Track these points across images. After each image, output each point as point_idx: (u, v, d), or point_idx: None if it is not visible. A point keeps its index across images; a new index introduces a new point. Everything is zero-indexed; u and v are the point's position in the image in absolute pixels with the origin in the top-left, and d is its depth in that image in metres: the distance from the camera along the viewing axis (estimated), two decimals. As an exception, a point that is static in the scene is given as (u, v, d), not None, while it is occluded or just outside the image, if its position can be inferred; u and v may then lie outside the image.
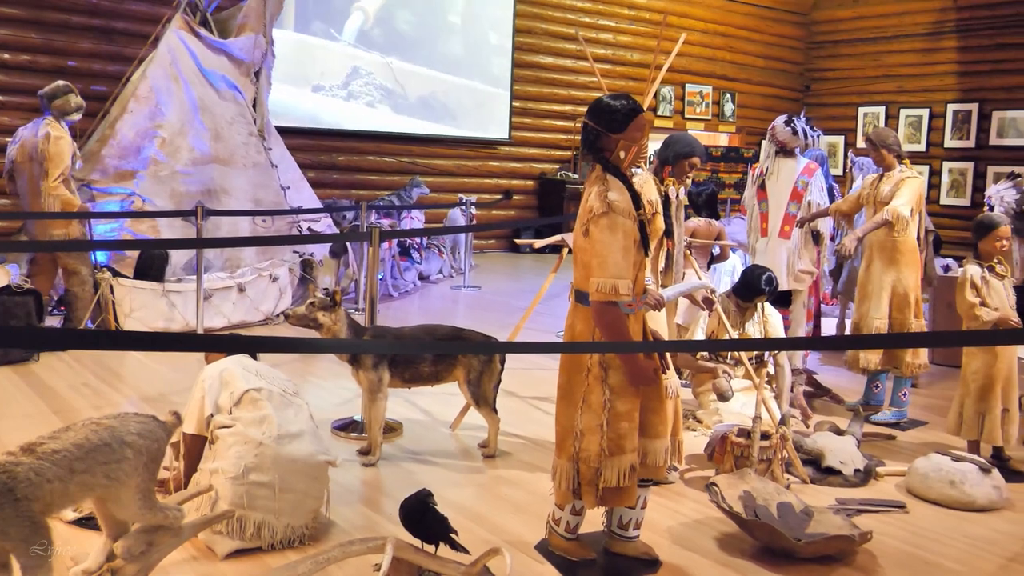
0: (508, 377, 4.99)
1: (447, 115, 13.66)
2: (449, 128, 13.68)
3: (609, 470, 3.21)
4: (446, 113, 13.65)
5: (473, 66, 13.83)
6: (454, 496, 4.14)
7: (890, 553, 3.74)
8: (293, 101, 12.11)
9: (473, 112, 13.91)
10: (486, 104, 13.99)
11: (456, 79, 13.70)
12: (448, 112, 13.67)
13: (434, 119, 13.53)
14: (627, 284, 3.08)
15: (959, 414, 4.87)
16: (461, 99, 13.78)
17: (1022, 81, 14.61)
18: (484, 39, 13.89)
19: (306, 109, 12.35)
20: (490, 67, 13.96)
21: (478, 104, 13.94)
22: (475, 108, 13.92)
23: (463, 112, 13.82)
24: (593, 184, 3.18)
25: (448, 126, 13.67)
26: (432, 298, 9.99)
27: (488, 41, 13.92)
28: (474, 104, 13.90)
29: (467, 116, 13.86)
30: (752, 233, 6.49)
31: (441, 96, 13.59)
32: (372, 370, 4.46)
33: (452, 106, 13.72)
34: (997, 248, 4.85)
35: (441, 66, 13.55)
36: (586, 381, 3.23)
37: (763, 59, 17.27)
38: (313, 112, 12.43)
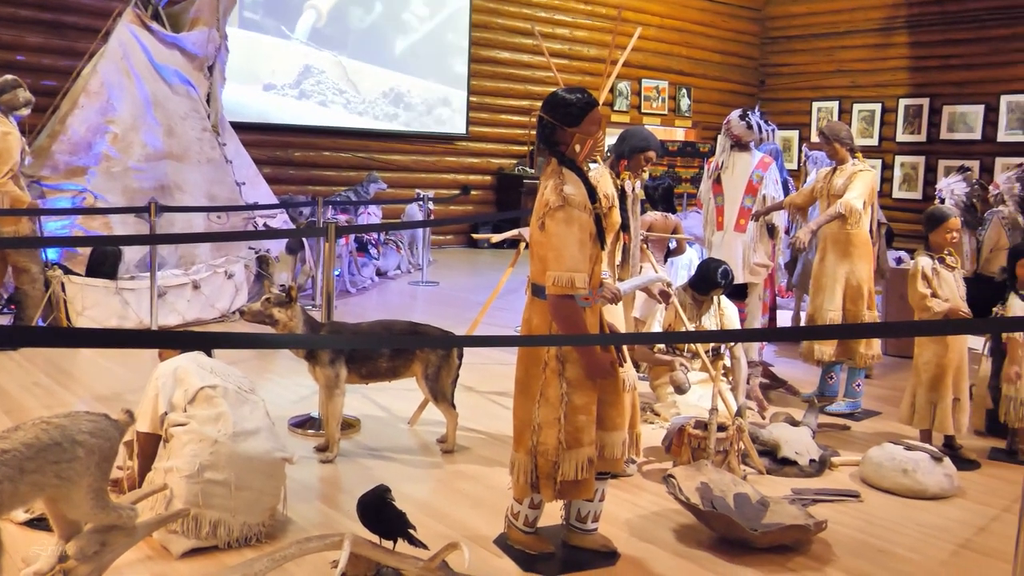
0: (466, 372, 4.98)
1: (404, 111, 13.60)
2: (406, 124, 13.62)
3: (567, 463, 3.22)
4: (403, 109, 13.59)
5: (430, 62, 13.78)
6: (412, 491, 4.13)
7: (844, 542, 3.79)
8: (248, 97, 11.99)
9: (430, 107, 13.86)
10: (443, 99, 13.95)
11: (413, 75, 13.65)
12: (405, 108, 13.61)
13: (391, 115, 13.46)
14: (583, 278, 3.09)
15: (911, 404, 4.95)
16: (418, 95, 13.72)
17: (971, 76, 14.86)
18: (440, 35, 13.84)
19: (261, 105, 12.23)
20: (447, 63, 13.92)
21: (435, 99, 13.89)
22: (432, 104, 13.87)
23: (420, 108, 13.77)
24: (549, 178, 3.18)
25: (405, 122, 13.61)
26: (390, 294, 9.94)
27: (445, 37, 13.88)
28: (431, 99, 13.85)
29: (424, 112, 13.81)
30: (708, 227, 6.53)
31: (398, 92, 13.53)
32: (329, 366, 4.43)
33: (409, 102, 13.66)
34: (947, 240, 4.93)
35: (397, 62, 13.49)
36: (543, 375, 3.23)
37: (719, 54, 17.39)
38: (267, 108, 12.31)
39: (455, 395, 4.74)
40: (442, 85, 13.91)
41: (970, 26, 14.88)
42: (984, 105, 14.79)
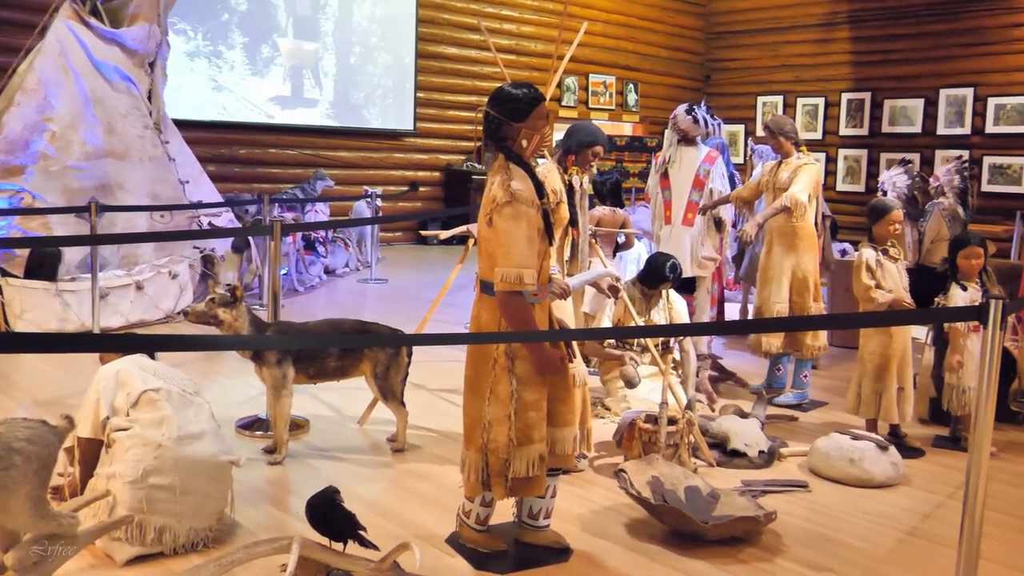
0: (416, 369, 4.94)
1: (351, 107, 13.48)
2: (353, 120, 13.50)
3: (518, 460, 3.20)
4: (350, 105, 13.47)
5: (376, 57, 13.68)
6: (363, 492, 4.09)
7: (794, 532, 3.82)
8: (191, 93, 11.80)
9: (377, 103, 13.76)
10: (390, 95, 13.85)
11: (359, 71, 13.53)
12: (352, 103, 13.49)
13: (338, 111, 13.33)
14: (532, 273, 3.07)
15: (857, 394, 5.02)
16: (365, 90, 13.61)
17: (911, 71, 15.12)
18: (387, 30, 13.74)
19: (205, 102, 12.04)
20: (394, 58, 13.82)
21: (382, 95, 13.79)
22: (379, 99, 13.77)
23: (367, 103, 13.66)
24: (496, 173, 3.16)
25: (352, 118, 13.49)
26: (339, 292, 9.85)
27: (391, 32, 13.77)
28: (378, 95, 13.75)
29: (371, 107, 13.70)
30: (656, 221, 6.56)
31: (344, 88, 13.40)
32: (276, 367, 4.37)
33: (356, 97, 13.54)
34: (890, 232, 5.00)
35: (344, 57, 13.36)
36: (493, 372, 3.21)
37: (665, 49, 17.50)
38: (212, 105, 12.13)
39: (405, 393, 4.70)
40: (389, 81, 13.81)
41: (909, 21, 15.14)
42: (924, 99, 15.07)
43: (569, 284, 3.94)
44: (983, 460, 3.12)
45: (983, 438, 3.11)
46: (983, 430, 3.11)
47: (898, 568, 3.57)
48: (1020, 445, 5.16)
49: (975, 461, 3.11)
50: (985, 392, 3.13)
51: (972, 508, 3.12)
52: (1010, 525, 3.99)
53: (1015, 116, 14.22)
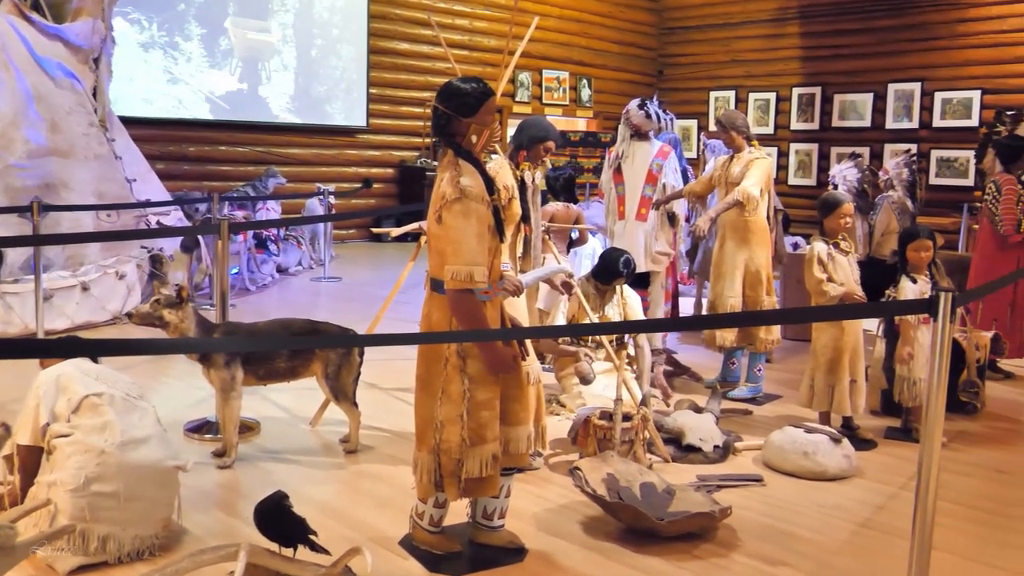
0: (368, 369, 4.88)
1: (303, 103, 13.32)
2: (305, 116, 13.35)
3: (471, 461, 3.16)
4: (302, 101, 13.31)
5: (328, 52, 13.53)
6: (315, 494, 4.02)
7: (749, 526, 3.82)
8: (139, 90, 11.59)
9: (329, 100, 13.61)
10: (342, 91, 13.72)
11: (311, 67, 13.38)
12: (303, 99, 13.33)
13: (289, 107, 13.17)
14: (482, 271, 3.02)
15: (810, 387, 5.04)
16: (316, 86, 13.46)
17: (860, 65, 15.29)
18: (338, 25, 13.60)
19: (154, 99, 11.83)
20: (345, 53, 13.68)
21: (334, 91, 13.65)
22: (331, 95, 13.63)
23: (319, 99, 13.51)
24: (445, 169, 3.10)
25: (304, 114, 13.33)
26: (291, 291, 9.73)
27: (343, 27, 13.63)
28: (330, 91, 13.60)
29: (323, 104, 13.55)
30: (610, 216, 6.55)
31: (296, 84, 13.24)
32: (224, 368, 4.27)
33: (307, 94, 13.39)
34: (841, 225, 5.03)
35: (297, 53, 13.20)
36: (444, 371, 3.16)
37: (617, 45, 17.53)
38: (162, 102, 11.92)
39: (357, 393, 4.63)
40: (341, 77, 13.68)
41: (858, 16, 15.31)
42: (873, 93, 15.24)
43: (522, 281, 3.90)
44: (935, 451, 3.13)
45: (934, 429, 3.12)
46: (934, 421, 3.12)
47: (852, 560, 3.58)
48: (970, 435, 5.22)
49: (927, 452, 3.12)
50: (936, 383, 3.14)
51: (924, 499, 3.14)
52: (962, 515, 4.02)
53: (961, 110, 14.43)
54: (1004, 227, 6.40)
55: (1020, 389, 6.28)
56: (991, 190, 6.55)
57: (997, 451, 4.97)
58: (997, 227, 6.45)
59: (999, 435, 5.27)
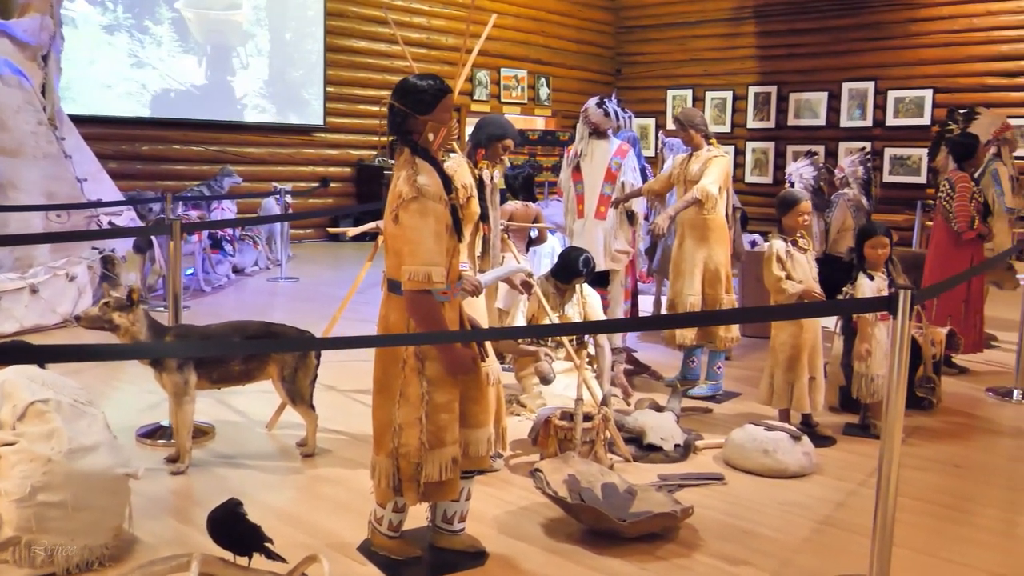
0: (325, 370, 4.81)
1: (258, 101, 13.16)
2: (261, 115, 13.19)
3: (430, 464, 3.10)
4: (257, 99, 13.15)
5: (284, 51, 13.38)
6: (271, 500, 3.94)
7: (711, 525, 3.81)
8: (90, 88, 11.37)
9: (285, 98, 13.46)
10: (299, 89, 13.57)
11: (267, 65, 13.22)
12: (259, 98, 13.17)
13: (244, 106, 13.00)
14: (440, 271, 2.97)
15: (770, 385, 5.05)
16: (272, 85, 13.30)
17: (815, 65, 15.44)
18: (295, 23, 13.45)
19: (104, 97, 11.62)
20: (302, 52, 13.54)
21: (291, 90, 13.50)
22: (288, 94, 13.48)
23: (275, 98, 13.35)
24: (402, 168, 3.04)
25: (260, 113, 13.17)
26: (248, 291, 9.60)
27: (299, 25, 13.48)
28: (286, 90, 13.45)
29: (279, 102, 13.40)
30: (569, 215, 6.52)
31: (252, 82, 13.08)
32: (177, 372, 4.17)
33: (263, 92, 13.23)
34: (800, 223, 5.04)
35: (251, 51, 13.03)
36: (403, 373, 3.10)
37: (576, 43, 17.54)
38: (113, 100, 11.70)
39: (314, 395, 4.55)
40: (298, 75, 13.53)
41: (813, 16, 15.46)
42: (827, 92, 15.41)
43: (481, 281, 3.85)
44: (895, 448, 3.13)
45: (895, 425, 3.12)
46: (895, 417, 3.12)
47: (813, 558, 3.58)
48: (927, 430, 5.26)
49: (887, 449, 3.13)
50: (896, 380, 3.14)
51: (885, 497, 3.14)
52: (921, 510, 4.04)
53: (914, 109, 14.63)
54: (958, 224, 6.46)
55: (974, 384, 6.35)
56: (945, 188, 6.62)
57: (954, 446, 5.01)
58: (951, 224, 6.52)
59: (955, 430, 5.32)
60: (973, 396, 6.08)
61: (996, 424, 5.53)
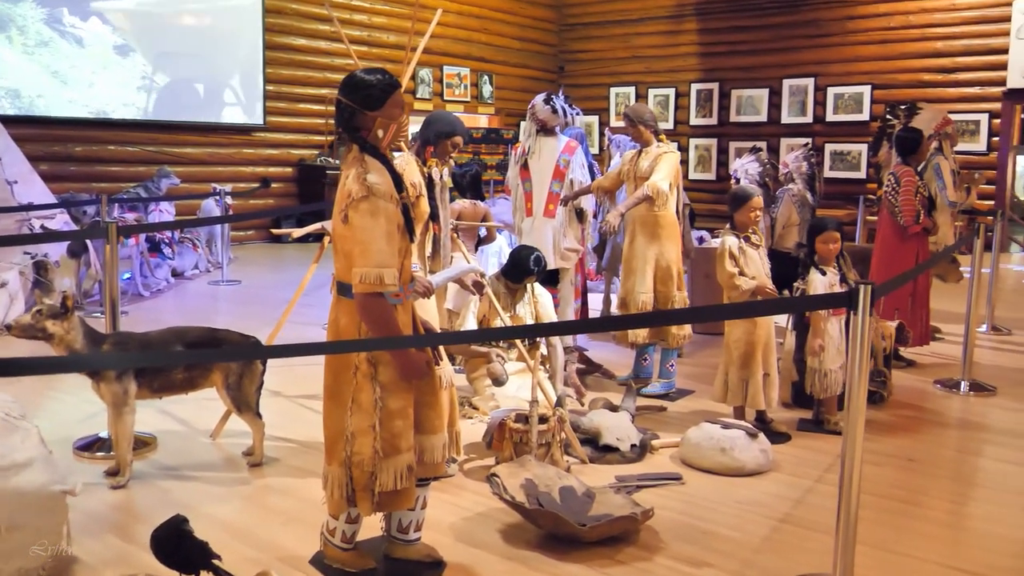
0: (272, 375, 4.66)
1: (196, 101, 12.86)
2: (199, 114, 12.89)
3: (385, 473, 2.99)
4: (195, 98, 12.85)
5: (223, 48, 13.09)
6: (217, 513, 3.79)
7: (670, 526, 3.75)
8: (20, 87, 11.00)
9: (224, 97, 13.18)
10: (238, 88, 13.30)
11: (205, 63, 12.92)
12: (197, 97, 12.87)
13: (182, 105, 12.69)
14: (393, 273, 2.85)
15: (724, 382, 5.01)
16: (211, 84, 13.02)
17: (756, 61, 15.57)
18: (233, 20, 13.16)
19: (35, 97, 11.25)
20: (241, 49, 13.26)
21: (230, 89, 13.22)
22: (227, 93, 13.20)
23: (213, 97, 13.07)
24: (351, 166, 2.92)
25: (198, 112, 12.87)
26: (188, 295, 9.36)
27: (237, 22, 13.20)
28: (226, 89, 13.17)
29: (218, 101, 13.12)
30: (517, 213, 6.44)
31: (188, 81, 12.77)
32: (115, 382, 3.99)
33: (202, 91, 12.93)
34: (752, 219, 5.01)
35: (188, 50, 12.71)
36: (354, 379, 2.97)
37: (519, 41, 17.48)
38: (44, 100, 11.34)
39: (261, 402, 4.40)
40: (237, 73, 13.25)
41: (754, 13, 15.58)
42: (768, 89, 15.54)
43: (432, 282, 3.75)
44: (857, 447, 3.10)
45: (856, 421, 3.09)
46: (856, 413, 3.09)
47: (774, 557, 3.53)
48: (879, 424, 5.27)
49: (849, 447, 3.09)
50: (858, 376, 3.11)
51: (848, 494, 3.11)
52: (879, 506, 4.03)
53: (852, 105, 14.83)
54: (904, 218, 6.51)
55: (922, 377, 6.40)
56: (890, 182, 6.66)
57: (906, 439, 5.02)
58: (897, 219, 6.56)
59: (907, 423, 5.34)
60: (922, 389, 6.12)
61: (945, 416, 5.57)
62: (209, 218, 10.49)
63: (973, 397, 5.95)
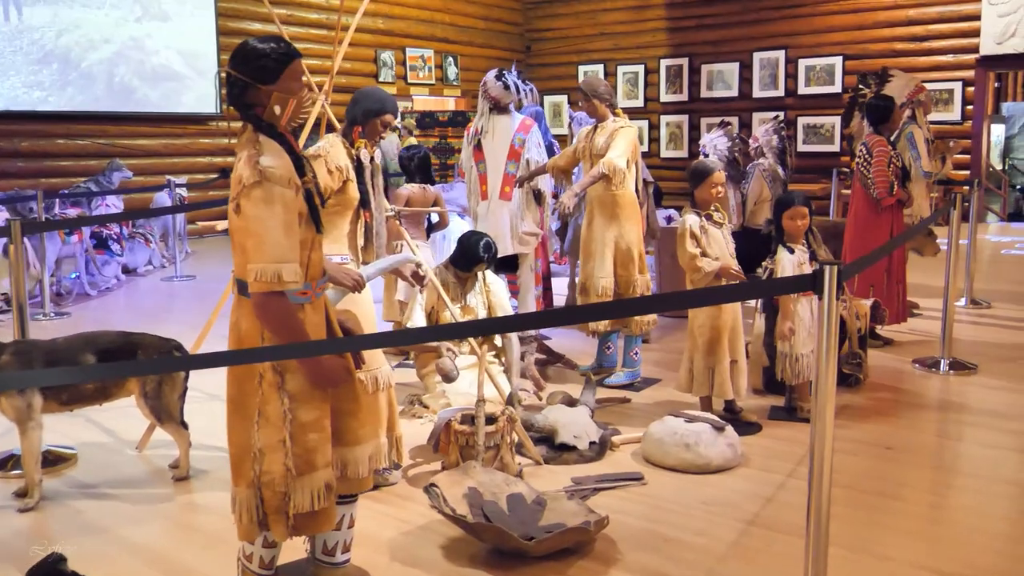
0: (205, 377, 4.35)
1: (148, 90, 12.39)
2: (151, 104, 12.42)
3: (299, 493, 2.65)
4: (147, 88, 12.38)
5: (174, 35, 12.61)
6: (133, 535, 3.45)
7: (629, 533, 3.43)
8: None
9: (177, 86, 12.72)
10: (191, 77, 12.84)
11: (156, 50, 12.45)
12: (149, 87, 12.40)
13: (132, 96, 12.22)
14: (292, 268, 2.49)
15: (689, 370, 4.70)
16: (162, 72, 12.55)
17: (725, 35, 15.25)
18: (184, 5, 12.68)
19: None
20: (193, 36, 12.79)
21: (183, 77, 12.76)
22: (180, 81, 12.74)
23: (166, 86, 12.60)
24: (243, 148, 2.57)
25: (150, 102, 12.40)
26: (139, 293, 8.98)
27: (189, 7, 12.73)
28: (178, 77, 12.71)
29: (171, 90, 12.66)
30: (472, 196, 6.12)
31: (138, 70, 12.30)
32: (17, 395, 3.63)
33: (153, 80, 12.46)
34: (713, 195, 4.68)
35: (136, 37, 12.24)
36: (260, 389, 2.62)
37: (483, 20, 17.07)
38: None
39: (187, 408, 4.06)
40: (190, 61, 12.79)
41: (722, -14, 15.26)
42: (739, 63, 15.23)
43: (363, 274, 3.42)
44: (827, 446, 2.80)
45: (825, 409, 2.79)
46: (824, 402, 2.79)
47: (741, 564, 3.23)
48: (855, 409, 4.98)
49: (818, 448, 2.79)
50: (825, 367, 2.80)
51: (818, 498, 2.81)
52: (853, 501, 3.73)
53: (824, 77, 14.54)
54: (877, 191, 6.21)
55: (900, 356, 6.12)
56: (862, 153, 6.37)
57: (883, 425, 4.73)
58: (870, 191, 6.26)
59: (884, 407, 5.05)
60: (899, 369, 5.84)
61: (924, 398, 5.28)
62: (156, 209, 10.05)
63: (953, 376, 5.68)
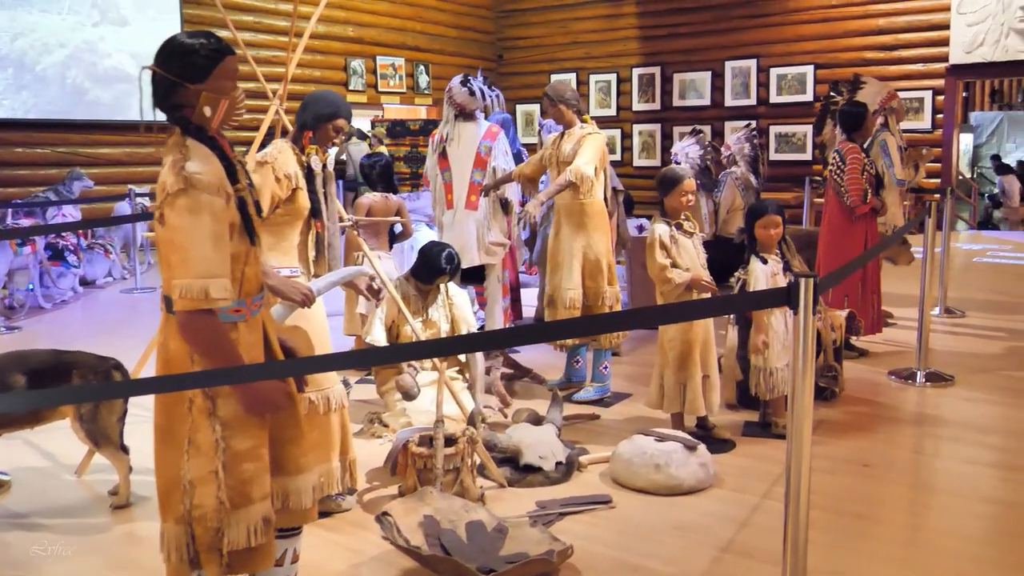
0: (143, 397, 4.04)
1: (111, 98, 12.10)
2: (115, 112, 12.12)
3: (234, 528, 2.42)
4: (110, 96, 12.09)
5: (139, 41, 12.34)
6: (66, 572, 3.21)
7: (595, 563, 3.24)
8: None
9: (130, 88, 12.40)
10: (154, 84, 12.54)
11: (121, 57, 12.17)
12: (113, 94, 12.12)
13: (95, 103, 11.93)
14: (222, 284, 2.26)
15: (659, 386, 4.51)
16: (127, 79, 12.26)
17: (697, 44, 15.14)
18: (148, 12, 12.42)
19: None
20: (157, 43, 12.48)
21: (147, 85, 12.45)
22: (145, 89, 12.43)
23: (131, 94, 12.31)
24: (168, 153, 2.36)
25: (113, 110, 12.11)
26: (97, 306, 8.70)
27: (154, 12, 12.46)
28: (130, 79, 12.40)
29: (134, 98, 12.35)
30: (437, 206, 5.94)
31: (103, 77, 12.01)
32: (-60, 419, 3.40)
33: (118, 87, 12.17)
34: (684, 203, 4.50)
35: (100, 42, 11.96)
36: (189, 416, 2.39)
37: (455, 29, 16.88)
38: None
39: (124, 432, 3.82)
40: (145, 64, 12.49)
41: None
42: (711, 71, 15.13)
43: (313, 288, 3.22)
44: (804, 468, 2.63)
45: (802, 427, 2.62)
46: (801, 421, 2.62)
47: (714, 595, 3.05)
48: (831, 424, 4.82)
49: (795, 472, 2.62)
50: (801, 385, 2.63)
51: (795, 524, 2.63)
52: (831, 524, 3.55)
53: (796, 86, 14.47)
54: (851, 199, 6.07)
55: (875, 367, 5.97)
56: (835, 160, 6.22)
57: (860, 440, 4.57)
58: (844, 199, 6.12)
59: (860, 421, 4.89)
60: (875, 381, 5.69)
61: (901, 412, 5.12)
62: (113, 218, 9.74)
63: (930, 388, 5.53)
